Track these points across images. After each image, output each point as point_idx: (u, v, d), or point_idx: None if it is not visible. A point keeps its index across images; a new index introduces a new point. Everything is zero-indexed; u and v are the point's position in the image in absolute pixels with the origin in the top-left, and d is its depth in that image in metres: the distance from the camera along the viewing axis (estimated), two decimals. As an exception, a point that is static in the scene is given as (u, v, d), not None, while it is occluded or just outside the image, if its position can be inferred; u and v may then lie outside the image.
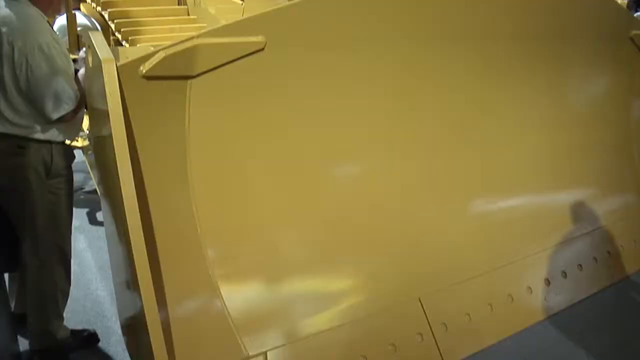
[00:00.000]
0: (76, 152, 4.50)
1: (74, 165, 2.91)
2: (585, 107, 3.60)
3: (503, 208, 3.22)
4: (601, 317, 3.16)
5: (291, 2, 2.36)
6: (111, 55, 2.06)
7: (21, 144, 2.71)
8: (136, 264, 1.82)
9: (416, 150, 2.87)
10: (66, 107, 2.68)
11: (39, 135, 2.72)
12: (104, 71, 1.98)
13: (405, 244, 2.81)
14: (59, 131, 2.77)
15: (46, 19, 2.82)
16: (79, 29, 5.48)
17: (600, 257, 3.45)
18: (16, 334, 3.00)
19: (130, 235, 1.82)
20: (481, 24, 2.84)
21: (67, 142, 2.90)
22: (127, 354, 2.73)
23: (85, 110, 2.92)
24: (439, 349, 2.71)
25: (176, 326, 2.17)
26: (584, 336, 2.97)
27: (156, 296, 1.84)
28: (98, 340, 3.09)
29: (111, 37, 5.03)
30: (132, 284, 1.98)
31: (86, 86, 2.72)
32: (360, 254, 2.70)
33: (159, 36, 4.59)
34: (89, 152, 4.75)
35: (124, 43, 4.63)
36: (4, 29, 2.65)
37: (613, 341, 2.97)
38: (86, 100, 2.76)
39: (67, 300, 2.95)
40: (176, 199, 2.24)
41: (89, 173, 5.09)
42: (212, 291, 2.31)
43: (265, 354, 2.38)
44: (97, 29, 5.41)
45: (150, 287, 1.83)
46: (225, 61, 2.21)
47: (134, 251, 1.82)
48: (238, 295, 2.36)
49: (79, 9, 5.68)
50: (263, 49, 2.25)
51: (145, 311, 1.81)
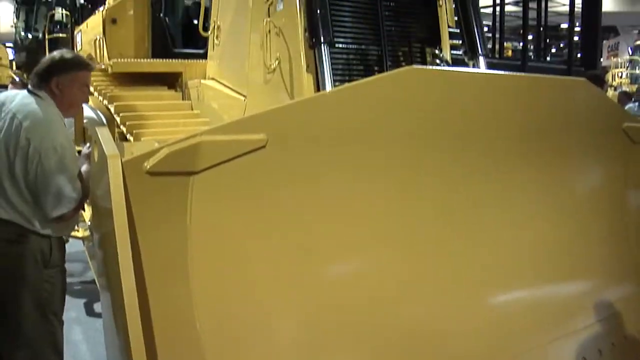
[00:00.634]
0: (76, 241, 4.54)
1: (73, 254, 2.94)
2: (583, 199, 3.65)
3: (504, 302, 3.20)
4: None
5: (292, 102, 2.45)
6: (116, 151, 2.13)
7: (22, 232, 2.78)
8: (133, 359, 1.81)
9: (418, 246, 2.88)
10: (65, 209, 2.76)
11: (40, 229, 2.79)
12: (109, 167, 2.04)
13: (407, 341, 2.78)
14: (57, 227, 2.84)
15: (63, 119, 2.96)
16: (85, 121, 5.65)
17: (605, 349, 3.40)
18: None
19: (129, 330, 1.83)
20: (481, 122, 2.92)
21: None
22: None
23: (87, 202, 3.00)
24: None
25: None
26: None
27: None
28: None
29: (116, 130, 5.15)
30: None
31: (90, 179, 2.78)
32: (363, 355, 2.67)
33: (163, 130, 4.71)
34: (90, 242, 4.77)
35: (128, 136, 4.74)
36: (25, 123, 2.79)
37: None
38: (89, 192, 2.84)
39: (59, 393, 2.90)
40: (176, 295, 2.24)
41: (87, 263, 5.09)
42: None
43: None
44: (102, 121, 5.57)
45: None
46: (227, 158, 2.26)
47: (131, 347, 1.82)
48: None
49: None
50: (264, 146, 2.31)
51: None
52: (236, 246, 2.39)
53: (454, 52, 4.43)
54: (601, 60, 26.77)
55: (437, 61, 4.10)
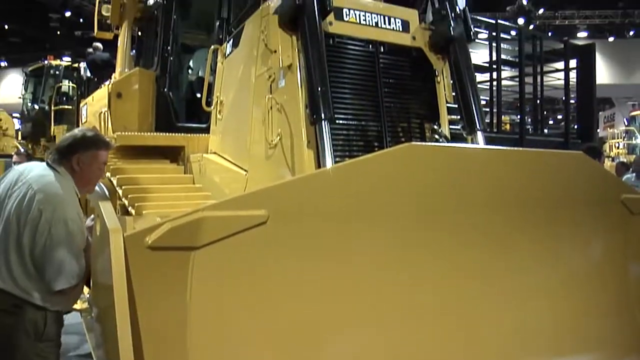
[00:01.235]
0: (73, 313, 4.49)
1: (70, 326, 2.92)
2: (583, 271, 3.63)
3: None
4: None
5: (293, 178, 2.49)
6: (119, 226, 2.15)
7: (17, 303, 2.77)
8: None
9: (420, 321, 2.86)
10: (67, 283, 2.78)
11: (37, 301, 2.79)
12: (111, 241, 2.06)
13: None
14: (56, 301, 2.84)
15: (78, 195, 3.02)
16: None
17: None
18: None
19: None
20: (479, 194, 2.94)
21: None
22: None
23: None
24: None
25: None
26: None
27: None
28: None
29: (118, 202, 5.18)
30: None
31: (91, 252, 2.80)
32: None
33: (165, 203, 4.73)
34: (87, 315, 4.72)
35: (130, 209, 4.77)
36: (39, 195, 2.86)
37: None
38: (90, 266, 2.85)
39: None
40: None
41: (84, 336, 5.02)
42: None
43: None
44: (105, 193, 5.60)
45: None
46: (228, 234, 2.28)
47: None
48: None
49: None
50: (265, 222, 2.33)
51: None
52: (236, 322, 2.38)
53: (453, 127, 4.52)
54: (598, 131, 27.16)
55: (436, 136, 4.17)
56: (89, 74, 12.26)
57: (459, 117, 4.33)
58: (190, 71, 7.08)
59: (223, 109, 5.05)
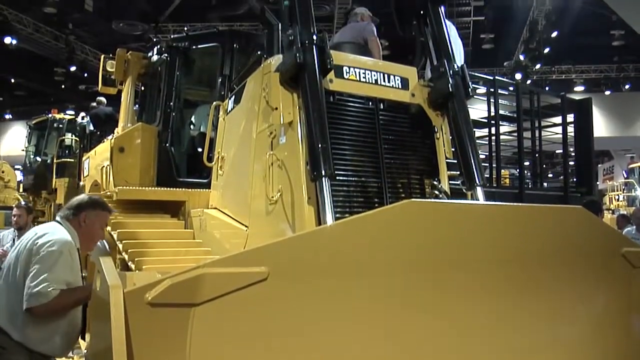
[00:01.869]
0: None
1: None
2: (586, 326, 3.60)
3: None
4: None
5: (293, 235, 2.50)
6: (119, 282, 2.16)
7: (3, 344, 2.87)
8: None
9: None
10: (34, 302, 3.07)
11: (17, 336, 2.90)
12: (110, 297, 2.07)
13: None
14: (32, 335, 2.93)
15: (78, 247, 3.23)
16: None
17: None
18: None
19: None
20: (479, 250, 2.94)
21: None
22: None
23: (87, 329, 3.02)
24: None
25: None
26: None
27: None
28: None
29: (117, 256, 5.17)
30: None
31: (91, 307, 2.80)
32: None
33: (165, 259, 4.74)
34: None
35: (130, 264, 4.76)
36: (41, 235, 3.25)
37: None
38: (90, 320, 2.86)
39: None
40: None
41: (82, 393, 4.94)
42: None
43: None
44: (105, 247, 5.60)
45: None
46: (228, 290, 2.28)
47: None
48: None
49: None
50: (266, 279, 2.33)
51: None
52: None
53: (452, 182, 4.54)
54: (597, 183, 27.21)
55: (436, 192, 4.19)
56: (91, 127, 12.39)
57: (458, 172, 4.36)
58: (192, 126, 7.17)
59: (224, 164, 5.09)
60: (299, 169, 3.76)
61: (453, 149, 4.52)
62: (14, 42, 18.99)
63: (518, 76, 21.59)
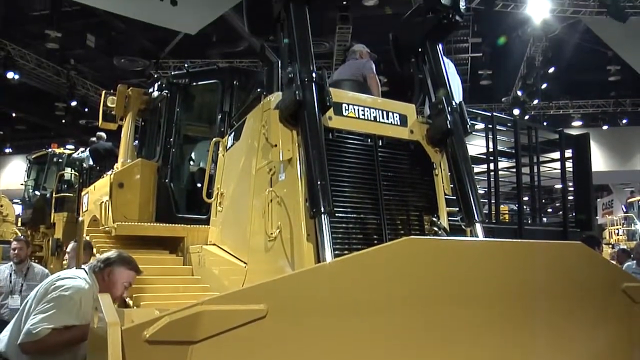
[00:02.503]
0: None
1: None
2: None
3: None
4: None
5: (292, 272, 2.49)
6: (117, 318, 2.15)
7: None
8: None
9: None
10: (26, 338, 3.10)
11: None
12: (108, 334, 2.06)
13: None
14: None
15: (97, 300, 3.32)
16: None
17: None
18: None
19: None
20: (479, 287, 2.93)
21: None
22: None
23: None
24: None
25: None
26: None
27: None
28: None
29: (116, 292, 5.15)
30: None
31: (89, 344, 2.79)
32: None
33: (163, 295, 4.72)
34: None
35: (127, 300, 4.73)
36: (60, 279, 3.42)
37: None
38: (88, 357, 2.85)
39: None
40: None
41: None
42: None
43: None
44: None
45: None
46: (227, 328, 2.27)
47: None
48: None
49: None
50: (265, 317, 2.32)
51: None
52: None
53: (452, 219, 4.54)
54: (597, 218, 27.19)
55: (435, 229, 4.19)
56: (90, 162, 12.43)
57: (457, 208, 4.37)
58: (191, 162, 7.19)
59: (223, 200, 5.10)
60: (298, 206, 3.77)
61: (452, 186, 4.53)
62: (16, 77, 19.16)
63: (516, 112, 21.76)
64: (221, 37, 19.09)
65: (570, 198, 9.60)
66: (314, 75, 3.78)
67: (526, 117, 21.92)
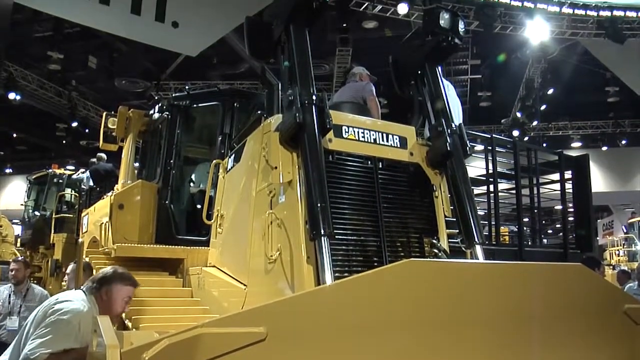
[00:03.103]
0: None
1: None
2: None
3: None
4: None
5: (292, 295, 2.49)
6: (116, 341, 2.15)
7: None
8: None
9: None
10: (36, 358, 3.15)
11: None
12: (107, 357, 2.07)
13: None
14: None
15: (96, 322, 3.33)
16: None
17: None
18: None
19: None
20: (479, 309, 2.93)
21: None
22: None
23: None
24: None
25: None
26: None
27: None
28: None
29: (115, 314, 5.13)
30: None
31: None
32: None
33: (163, 317, 4.70)
34: None
35: (127, 322, 4.72)
36: (59, 302, 3.40)
37: None
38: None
39: None
40: None
41: None
42: None
43: None
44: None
45: None
46: (226, 350, 2.26)
47: None
48: None
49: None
50: (264, 339, 2.32)
51: None
52: None
53: (452, 240, 4.54)
54: (597, 239, 27.12)
55: (435, 251, 4.19)
56: (91, 183, 12.44)
57: (457, 230, 4.37)
58: (191, 184, 7.20)
59: (223, 222, 5.10)
60: (298, 228, 3.77)
61: (452, 207, 4.54)
62: (18, 97, 19.25)
63: (515, 133, 21.82)
64: (222, 59, 19.20)
65: (571, 219, 9.59)
66: (314, 97, 3.81)
67: (526, 139, 21.96)
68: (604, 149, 25.72)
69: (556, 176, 9.01)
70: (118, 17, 12.55)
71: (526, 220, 9.05)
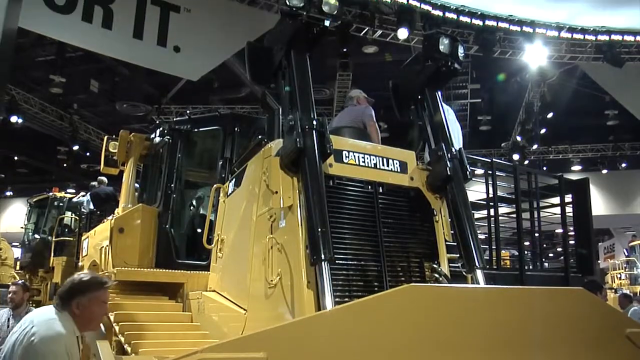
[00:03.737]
0: None
1: None
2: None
3: None
4: None
5: (292, 320, 2.49)
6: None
7: None
8: None
9: None
10: None
11: None
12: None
13: None
14: None
15: (77, 337, 3.25)
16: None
17: None
18: None
19: None
20: (480, 334, 2.92)
21: None
22: None
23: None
24: None
25: None
26: None
27: None
28: None
29: (113, 338, 5.10)
30: None
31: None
32: None
33: (162, 342, 4.67)
34: None
35: (126, 346, 4.69)
36: (35, 328, 3.22)
37: None
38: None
39: None
40: None
41: None
42: None
43: None
44: (101, 329, 5.53)
45: None
46: (227, 375, 2.27)
47: None
48: None
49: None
50: (264, 364, 2.31)
51: None
52: None
53: (452, 265, 4.54)
54: (599, 262, 27.02)
55: (436, 275, 4.18)
56: (91, 206, 12.44)
57: (458, 255, 4.37)
58: (192, 208, 7.20)
59: (224, 247, 5.10)
60: (299, 253, 3.77)
61: (452, 232, 4.54)
62: (20, 120, 19.31)
63: (515, 157, 21.83)
64: (223, 83, 19.29)
65: (571, 243, 9.57)
66: (314, 122, 3.84)
67: (526, 162, 21.98)
68: (604, 172, 25.72)
69: (557, 200, 9.01)
70: (120, 42, 12.66)
71: (527, 244, 9.03)
